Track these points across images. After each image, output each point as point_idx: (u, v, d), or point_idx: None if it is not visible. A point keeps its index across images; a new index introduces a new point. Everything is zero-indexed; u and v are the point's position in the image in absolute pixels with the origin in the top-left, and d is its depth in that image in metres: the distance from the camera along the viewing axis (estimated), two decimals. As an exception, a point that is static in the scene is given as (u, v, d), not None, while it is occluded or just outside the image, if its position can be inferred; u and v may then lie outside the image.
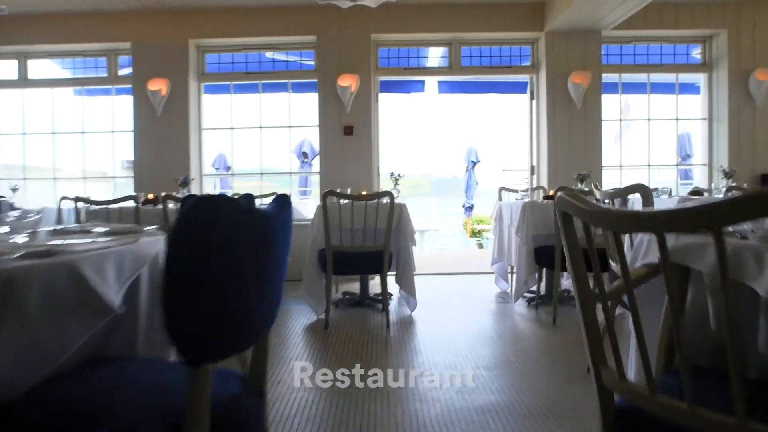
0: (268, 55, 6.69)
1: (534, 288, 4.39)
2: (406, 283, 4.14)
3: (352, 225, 3.96)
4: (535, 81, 6.40)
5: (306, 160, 7.76)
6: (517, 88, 6.94)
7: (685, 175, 9.58)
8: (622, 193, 2.70)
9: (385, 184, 6.04)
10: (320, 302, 4.01)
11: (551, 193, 4.71)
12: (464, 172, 11.83)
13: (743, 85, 6.28)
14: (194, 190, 5.93)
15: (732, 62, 6.27)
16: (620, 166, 6.72)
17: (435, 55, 6.68)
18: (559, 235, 3.72)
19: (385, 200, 3.86)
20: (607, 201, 2.83)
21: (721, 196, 4.81)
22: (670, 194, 5.70)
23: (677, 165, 7.04)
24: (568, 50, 6.10)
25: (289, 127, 6.57)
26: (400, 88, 6.97)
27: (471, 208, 11.85)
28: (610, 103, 6.36)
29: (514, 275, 4.60)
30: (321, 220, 3.88)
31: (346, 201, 3.93)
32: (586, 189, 4.81)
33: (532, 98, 6.45)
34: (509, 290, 5.14)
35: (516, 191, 5.79)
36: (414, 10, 6.12)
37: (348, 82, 5.90)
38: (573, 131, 6.13)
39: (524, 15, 6.13)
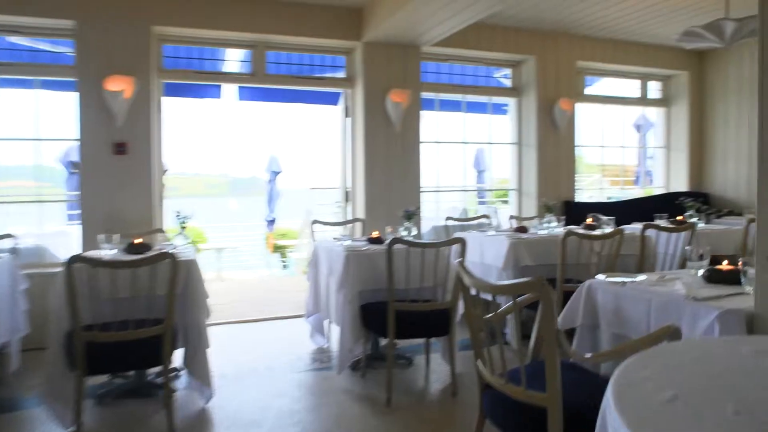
0: (11, 39, 4.98)
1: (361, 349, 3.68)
2: (199, 369, 3.10)
3: (116, 294, 2.80)
4: (350, 96, 5.72)
5: (76, 171, 6.09)
6: (329, 99, 6.21)
7: (481, 195, 9.83)
8: (445, 243, 3.26)
9: (170, 218, 4.82)
10: (69, 406, 2.79)
11: (375, 234, 4.03)
12: (266, 183, 10.88)
13: (548, 113, 6.36)
14: None
15: (540, 89, 6.30)
16: (437, 189, 6.40)
17: (235, 58, 5.62)
18: (391, 288, 3.02)
19: (166, 262, 2.77)
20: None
21: (545, 232, 4.61)
22: (490, 223, 5.47)
23: (491, 189, 6.96)
24: (387, 64, 5.53)
25: (37, 140, 4.96)
26: (190, 92, 5.76)
27: (273, 221, 10.95)
28: (427, 122, 5.95)
29: (335, 330, 3.84)
30: (64, 293, 2.66)
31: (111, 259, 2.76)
32: (414, 228, 4.24)
33: (347, 115, 5.75)
34: (326, 345, 4.37)
35: (331, 224, 5.05)
36: (209, 0, 5.00)
37: (120, 85, 4.55)
38: (391, 154, 5.58)
39: (340, 21, 5.40)
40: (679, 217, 5.53)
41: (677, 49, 7.21)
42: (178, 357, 3.32)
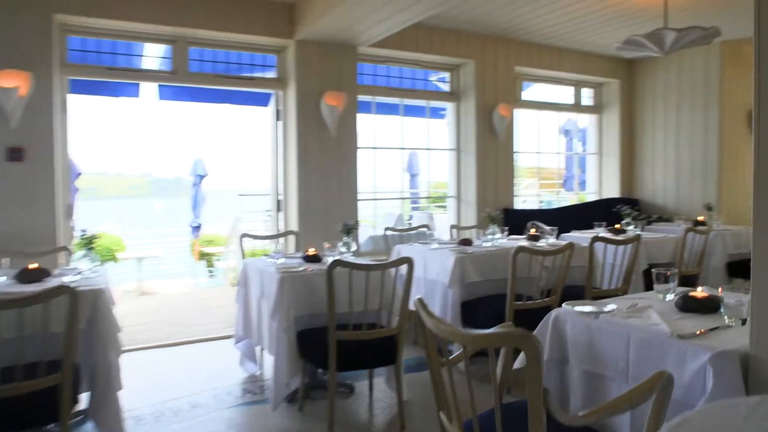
0: None
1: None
2: (108, 416, 2.65)
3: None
4: (283, 98, 5.32)
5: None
6: (258, 100, 5.79)
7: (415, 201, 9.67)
8: (391, 264, 3.07)
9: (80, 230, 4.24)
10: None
11: (311, 252, 3.68)
12: (191, 186, 10.23)
13: (488, 118, 6.22)
14: None
15: (479, 94, 6.15)
16: (375, 197, 6.12)
17: (155, 54, 5.09)
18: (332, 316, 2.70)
19: (60, 299, 2.30)
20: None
21: (490, 244, 4.41)
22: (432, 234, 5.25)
23: (431, 197, 6.75)
24: (321, 65, 5.18)
25: None
26: (104, 90, 5.18)
27: (198, 227, 10.30)
28: (363, 126, 5.63)
29: (268, 356, 3.46)
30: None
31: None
32: (353, 244, 3.92)
33: (278, 118, 5.35)
34: (258, 372, 3.97)
35: (262, 238, 4.64)
36: (121, -11, 4.47)
37: (13, 81, 3.94)
38: (326, 160, 5.23)
39: (271, 17, 4.98)
40: (617, 226, 5.53)
41: (609, 57, 7.29)
42: (83, 399, 2.84)
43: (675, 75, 7.09)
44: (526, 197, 8.44)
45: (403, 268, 3.09)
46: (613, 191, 7.61)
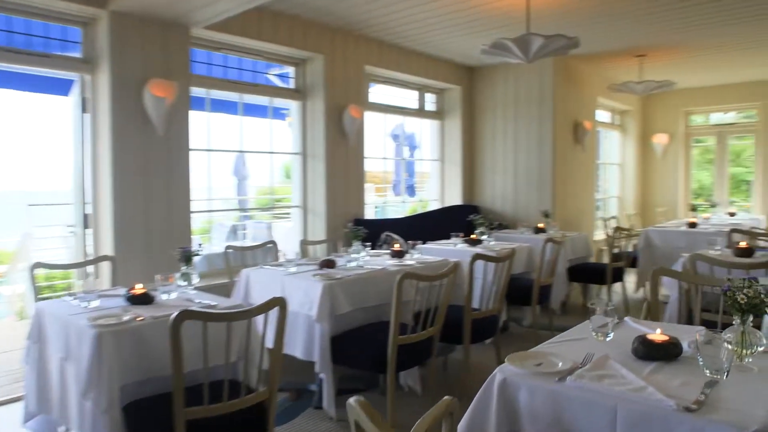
0: None
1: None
2: None
3: None
4: (91, 84, 4.17)
5: None
6: (56, 86, 4.55)
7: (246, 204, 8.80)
8: (260, 310, 2.25)
9: None
10: None
11: (138, 289, 2.77)
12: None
13: (337, 120, 5.67)
14: None
15: (328, 93, 5.56)
16: (210, 210, 5.20)
17: None
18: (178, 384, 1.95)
19: None
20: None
21: (354, 265, 3.84)
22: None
23: (277, 207, 5.99)
24: (145, 46, 4.15)
25: None
26: None
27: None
28: (196, 125, 4.69)
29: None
30: None
31: None
32: (195, 275, 3.07)
33: (84, 110, 4.19)
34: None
35: (62, 267, 3.53)
36: None
37: None
38: (151, 165, 4.22)
39: (72, -23, 3.84)
40: (473, 236, 5.36)
41: (453, 63, 7.22)
42: None
43: (513, 85, 7.24)
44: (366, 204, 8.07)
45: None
46: (455, 198, 7.57)
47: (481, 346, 4.38)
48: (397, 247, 4.37)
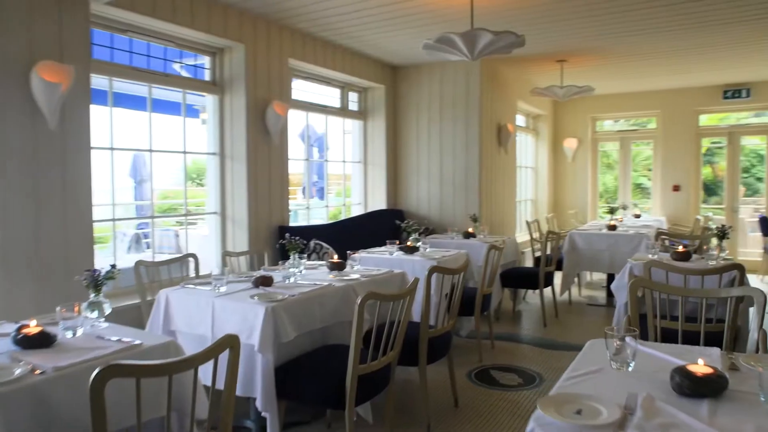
0: None
1: None
2: None
3: None
4: (-42, 65, 3.35)
5: None
6: None
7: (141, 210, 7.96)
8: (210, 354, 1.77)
9: None
10: None
11: (32, 328, 2.14)
12: None
13: (260, 118, 5.13)
14: None
15: (249, 87, 5.01)
16: (113, 219, 4.46)
17: None
18: None
19: None
20: None
21: (291, 281, 3.36)
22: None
23: (185, 215, 5.33)
24: (30, 19, 3.40)
25: None
26: None
27: None
28: (96, 121, 3.96)
29: None
30: None
31: None
32: (107, 305, 2.48)
33: (-51, 96, 3.36)
34: None
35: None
36: None
37: None
38: (42, 165, 3.47)
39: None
40: (409, 243, 5.04)
41: (377, 61, 6.89)
42: None
43: (439, 86, 7.04)
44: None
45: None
46: (379, 202, 7.25)
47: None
48: (335, 259, 3.94)
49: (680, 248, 4.35)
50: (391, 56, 6.70)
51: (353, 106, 7.14)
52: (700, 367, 1.62)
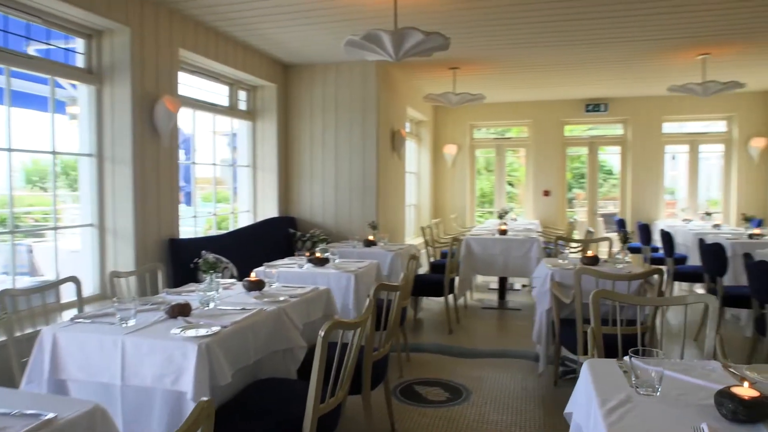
0: None
1: None
2: None
3: None
4: None
5: None
6: None
7: None
8: None
9: None
10: None
11: None
12: None
13: (148, 113, 4.45)
14: None
15: (135, 78, 4.31)
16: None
17: None
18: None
19: None
20: None
21: (212, 306, 2.87)
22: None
23: (55, 228, 4.45)
24: None
25: None
26: None
27: None
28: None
29: None
30: None
31: None
32: None
33: None
34: None
35: None
36: None
37: None
38: None
39: None
40: (317, 254, 4.69)
41: (269, 57, 6.42)
42: None
43: (333, 87, 6.74)
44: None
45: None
46: (271, 209, 6.76)
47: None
48: (253, 277, 3.48)
49: (590, 253, 4.51)
50: (285, 53, 6.26)
51: (242, 105, 6.58)
52: (746, 390, 1.53)
